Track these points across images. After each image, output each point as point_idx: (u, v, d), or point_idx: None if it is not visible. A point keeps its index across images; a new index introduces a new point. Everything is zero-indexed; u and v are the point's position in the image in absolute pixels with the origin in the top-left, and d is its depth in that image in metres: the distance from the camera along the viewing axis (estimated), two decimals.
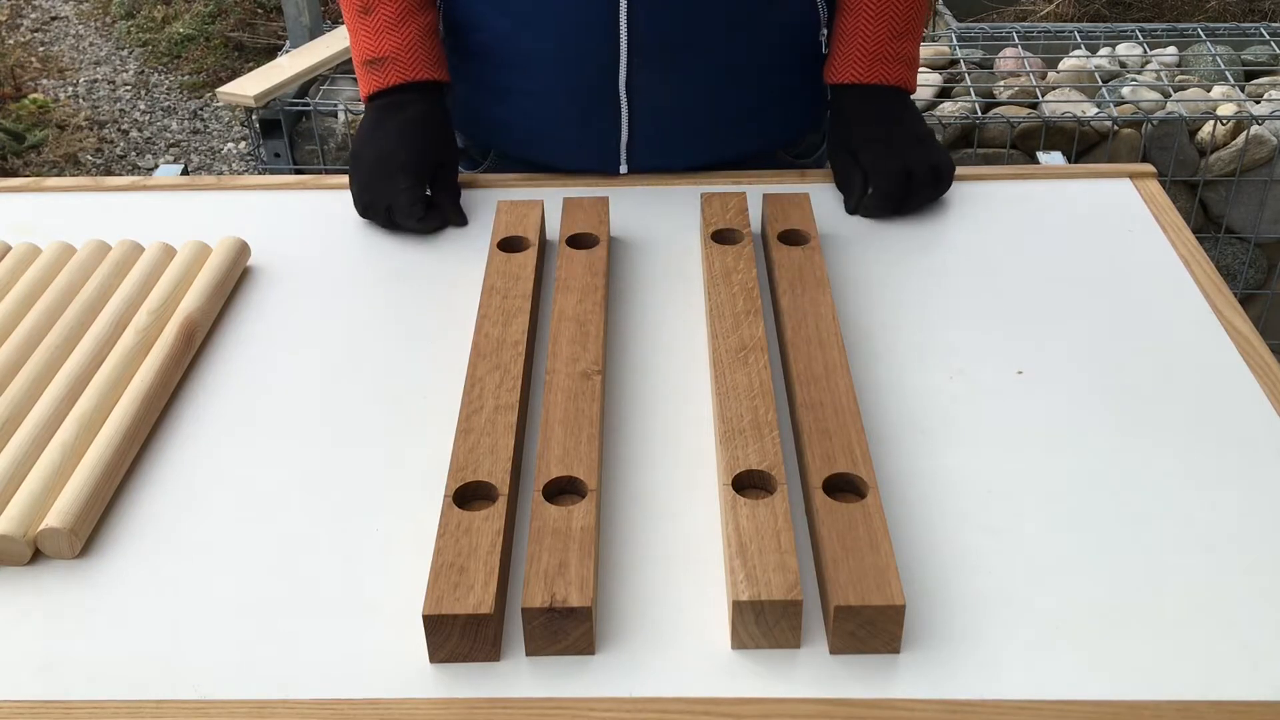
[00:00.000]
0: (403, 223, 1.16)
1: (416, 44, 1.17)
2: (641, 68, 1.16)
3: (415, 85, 1.18)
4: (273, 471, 0.88)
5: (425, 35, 1.18)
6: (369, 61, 1.18)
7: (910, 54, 1.19)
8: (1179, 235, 1.13)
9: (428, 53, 1.18)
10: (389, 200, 1.15)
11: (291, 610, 0.77)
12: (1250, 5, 3.53)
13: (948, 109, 2.33)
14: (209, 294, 1.04)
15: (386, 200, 1.16)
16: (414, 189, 1.16)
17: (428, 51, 1.18)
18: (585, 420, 0.86)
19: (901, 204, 1.17)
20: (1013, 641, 0.73)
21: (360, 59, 1.19)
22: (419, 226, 1.16)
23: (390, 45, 1.17)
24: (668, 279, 1.09)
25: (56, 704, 0.71)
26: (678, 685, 0.71)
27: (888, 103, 1.20)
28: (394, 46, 1.17)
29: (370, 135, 1.19)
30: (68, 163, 3.53)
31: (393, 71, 1.17)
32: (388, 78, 1.17)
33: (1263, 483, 0.84)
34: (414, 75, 1.17)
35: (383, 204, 1.16)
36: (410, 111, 1.18)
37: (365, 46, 1.18)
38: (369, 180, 1.17)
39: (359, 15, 1.18)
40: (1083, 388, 0.94)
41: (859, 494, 0.79)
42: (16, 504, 0.81)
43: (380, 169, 1.17)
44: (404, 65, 1.17)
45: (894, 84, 1.18)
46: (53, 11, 4.52)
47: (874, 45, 1.17)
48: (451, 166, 1.21)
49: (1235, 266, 2.36)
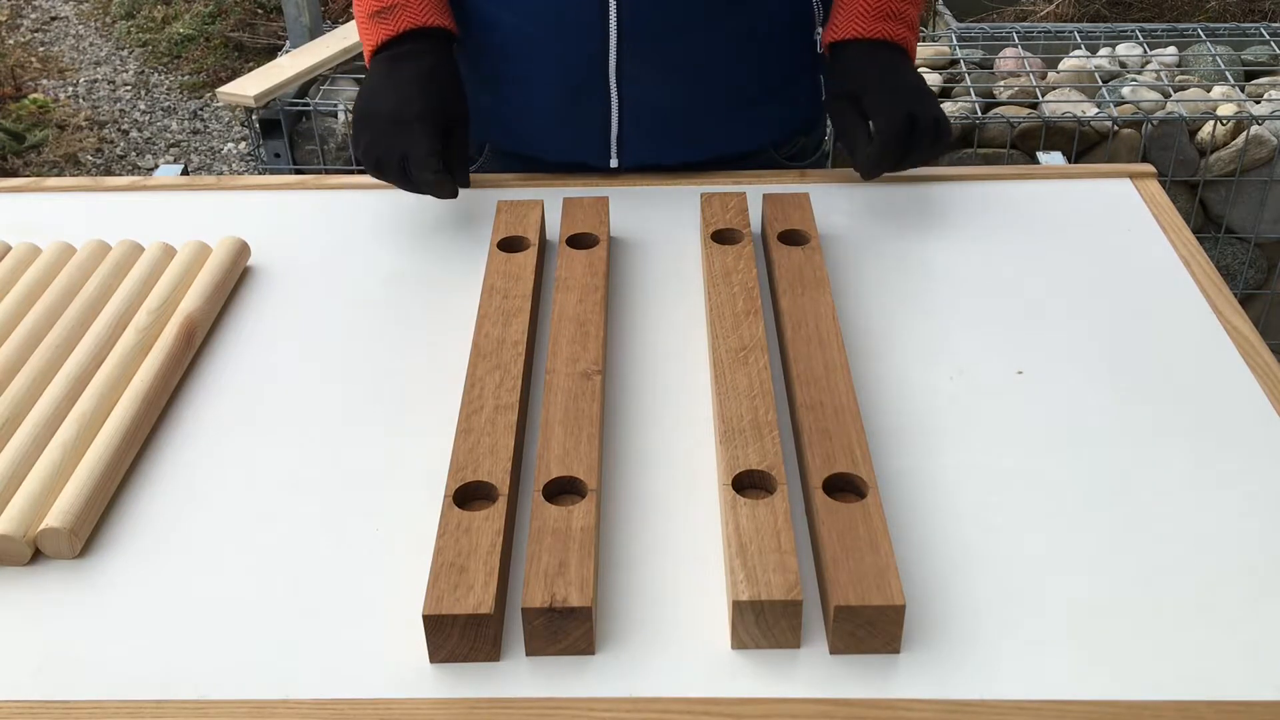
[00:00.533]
0: (419, 175, 1.08)
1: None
2: (631, 56, 1.16)
3: (426, 33, 1.15)
4: (272, 471, 0.88)
5: None
6: (376, 12, 1.15)
7: (912, 17, 1.17)
8: (1179, 235, 1.13)
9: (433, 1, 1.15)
10: (404, 150, 1.08)
11: (291, 610, 0.77)
12: (1250, 5, 3.53)
13: (948, 109, 2.33)
14: (209, 294, 1.04)
15: (401, 151, 1.09)
16: (431, 139, 1.08)
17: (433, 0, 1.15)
18: (585, 420, 0.86)
19: (904, 156, 1.13)
20: (1012, 641, 0.73)
21: (367, 12, 1.16)
22: (435, 179, 1.08)
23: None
24: (668, 279, 1.09)
25: (56, 704, 0.71)
26: (678, 685, 0.71)
27: (890, 56, 1.16)
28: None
29: (381, 86, 1.13)
30: (68, 163, 3.53)
31: (403, 17, 1.13)
32: (399, 23, 1.13)
33: (1263, 483, 0.84)
34: (424, 20, 1.14)
35: (396, 156, 1.09)
36: (425, 62, 1.14)
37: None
38: (382, 131, 1.10)
39: None
40: (1083, 388, 0.94)
41: (859, 494, 0.79)
42: (16, 504, 0.81)
43: (395, 118, 1.10)
44: (414, 11, 1.14)
45: (896, 41, 1.16)
46: (53, 11, 4.52)
47: (877, 2, 1.15)
48: (464, 123, 1.15)
49: (1235, 266, 2.36)
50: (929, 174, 1.24)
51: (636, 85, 1.18)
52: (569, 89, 1.19)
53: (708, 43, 1.18)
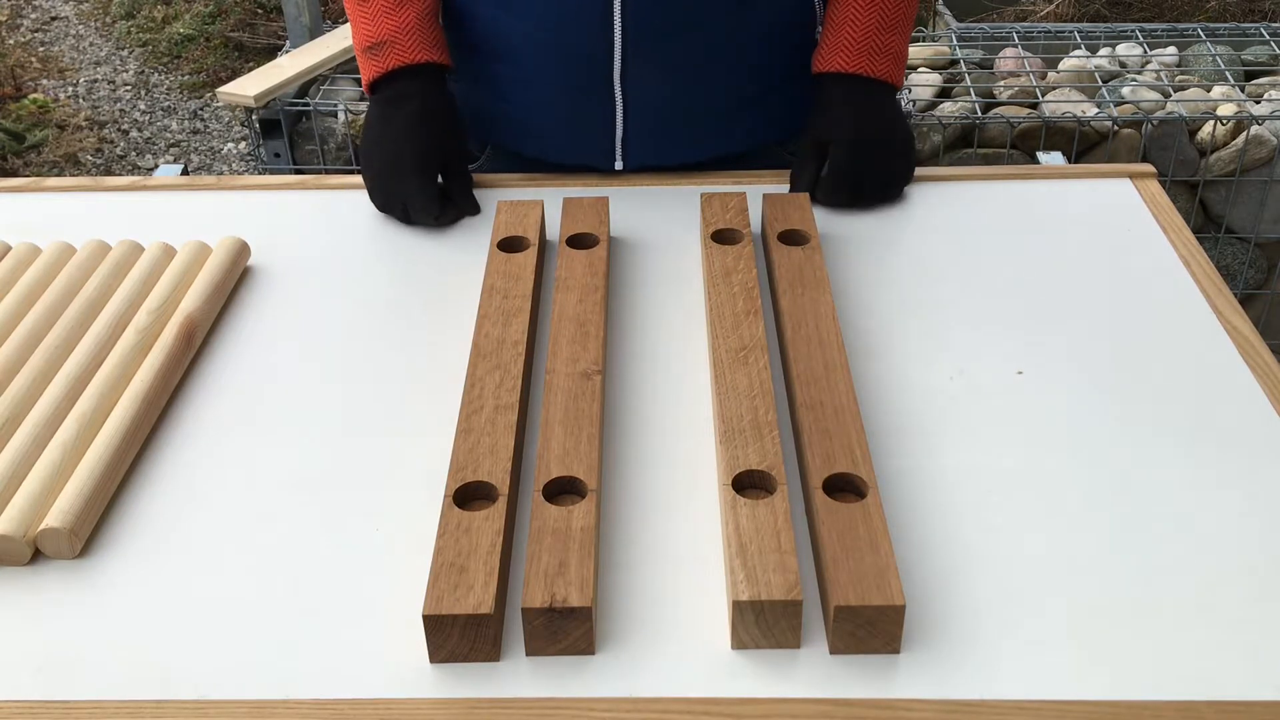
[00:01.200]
0: (420, 221, 1.17)
1: (414, 27, 1.17)
2: (636, 58, 1.16)
3: (416, 70, 1.17)
4: (272, 471, 0.88)
5: (423, 18, 1.18)
6: (368, 48, 1.18)
7: (898, 49, 1.19)
8: (1179, 235, 1.13)
9: (426, 35, 1.18)
10: (403, 199, 1.17)
11: (291, 610, 0.77)
12: (1250, 5, 3.53)
13: (948, 109, 2.33)
14: (209, 294, 1.04)
15: (400, 199, 1.17)
16: (426, 188, 1.17)
17: (426, 34, 1.18)
18: (585, 420, 0.86)
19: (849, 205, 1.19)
20: (1012, 641, 0.73)
21: (360, 46, 1.19)
22: (437, 223, 1.17)
23: (388, 28, 1.17)
24: (668, 279, 1.09)
25: (56, 704, 0.71)
26: (678, 685, 0.71)
27: (868, 99, 1.19)
28: (392, 29, 1.17)
29: (378, 135, 1.19)
30: (68, 163, 3.53)
31: (392, 55, 1.17)
32: (387, 61, 1.17)
33: (1263, 483, 0.84)
34: (413, 58, 1.17)
35: (398, 203, 1.18)
36: (413, 105, 1.18)
37: (364, 32, 1.18)
38: (382, 177, 1.19)
39: (357, 2, 1.18)
40: (1083, 388, 0.94)
41: (859, 494, 0.79)
42: (16, 504, 0.81)
43: (390, 171, 1.18)
44: (403, 48, 1.17)
45: (879, 77, 1.18)
46: (53, 11, 4.52)
47: (863, 36, 1.17)
48: (460, 154, 1.22)
49: (1235, 266, 2.36)
50: (929, 174, 1.24)
51: (640, 87, 1.18)
52: (573, 92, 1.19)
53: (711, 43, 1.18)
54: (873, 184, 1.19)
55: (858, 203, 1.19)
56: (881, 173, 1.19)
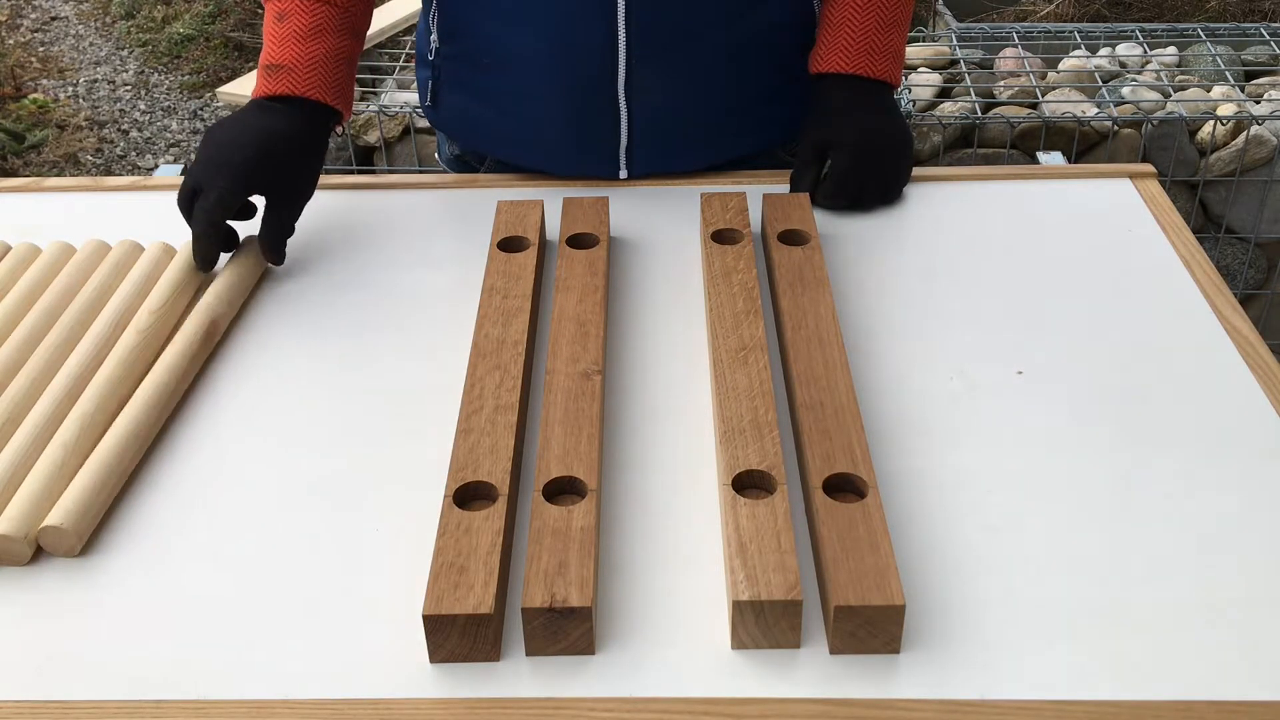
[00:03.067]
0: (196, 217, 1.06)
1: (319, 62, 1.12)
2: (640, 68, 1.16)
3: (304, 103, 1.11)
4: (272, 471, 0.88)
5: (331, 57, 1.13)
6: (268, 66, 1.13)
7: (896, 48, 1.19)
8: (1179, 235, 1.13)
9: (328, 75, 1.12)
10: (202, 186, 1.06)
11: (291, 610, 0.77)
12: (1250, 5, 3.53)
13: (948, 109, 2.33)
14: (232, 294, 1.04)
15: (194, 184, 1.07)
16: (234, 194, 1.06)
17: (328, 74, 1.12)
18: (585, 420, 0.86)
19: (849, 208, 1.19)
20: (1013, 641, 0.73)
21: (263, 61, 1.14)
22: (200, 230, 1.05)
23: (292, 55, 1.12)
24: (668, 279, 1.09)
25: (56, 704, 0.71)
26: (678, 685, 0.71)
27: (867, 99, 1.19)
28: (294, 57, 1.11)
29: (233, 120, 1.11)
30: (68, 163, 3.53)
31: (285, 80, 1.11)
32: (278, 85, 1.11)
33: (1263, 483, 0.84)
34: (304, 91, 1.11)
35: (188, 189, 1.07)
36: (283, 123, 1.10)
37: (269, 51, 1.13)
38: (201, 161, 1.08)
39: (274, 21, 1.14)
40: (1083, 388, 0.94)
41: (859, 494, 0.79)
42: (17, 504, 0.81)
43: (217, 156, 1.07)
44: (297, 78, 1.11)
45: (878, 78, 1.18)
46: (53, 11, 4.52)
47: (861, 36, 1.17)
48: (292, 204, 1.11)
49: (1235, 266, 2.36)
50: (929, 174, 1.24)
51: (645, 97, 1.18)
52: (578, 104, 1.19)
53: (713, 50, 1.18)
54: (874, 188, 1.19)
55: (859, 206, 1.19)
56: (883, 177, 1.19)
